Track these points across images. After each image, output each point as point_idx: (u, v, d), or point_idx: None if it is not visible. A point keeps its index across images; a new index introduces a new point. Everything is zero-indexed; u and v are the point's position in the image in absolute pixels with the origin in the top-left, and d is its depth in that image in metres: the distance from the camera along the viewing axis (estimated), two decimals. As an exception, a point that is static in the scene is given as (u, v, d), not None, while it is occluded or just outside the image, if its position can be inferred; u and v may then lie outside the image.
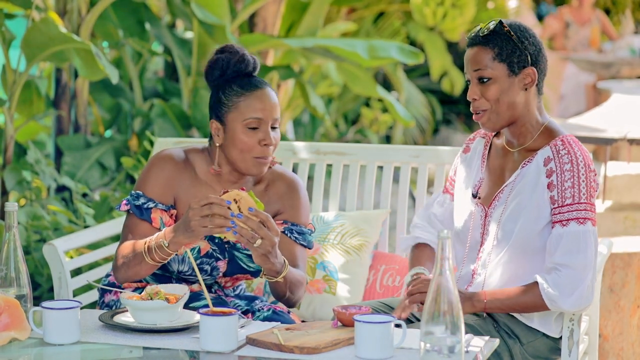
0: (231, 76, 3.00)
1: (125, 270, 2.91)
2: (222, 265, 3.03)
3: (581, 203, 2.82)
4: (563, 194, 2.83)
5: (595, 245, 2.84)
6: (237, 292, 3.16)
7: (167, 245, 2.81)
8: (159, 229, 2.98)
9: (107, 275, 3.15)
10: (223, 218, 2.73)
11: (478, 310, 2.86)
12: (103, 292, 3.11)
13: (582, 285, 2.80)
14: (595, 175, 2.88)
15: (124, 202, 3.01)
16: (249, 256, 3.04)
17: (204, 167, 3.05)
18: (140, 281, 3.05)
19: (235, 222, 2.73)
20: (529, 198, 2.87)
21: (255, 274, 3.08)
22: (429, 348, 2.28)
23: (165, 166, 3.01)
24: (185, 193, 3.02)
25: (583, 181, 2.83)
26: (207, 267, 3.02)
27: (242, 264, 3.04)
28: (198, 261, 2.94)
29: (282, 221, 3.07)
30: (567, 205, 2.82)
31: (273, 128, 2.98)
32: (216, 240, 3.01)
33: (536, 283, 2.83)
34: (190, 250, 2.98)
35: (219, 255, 3.02)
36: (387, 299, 3.08)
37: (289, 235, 3.04)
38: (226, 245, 3.02)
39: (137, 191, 3.00)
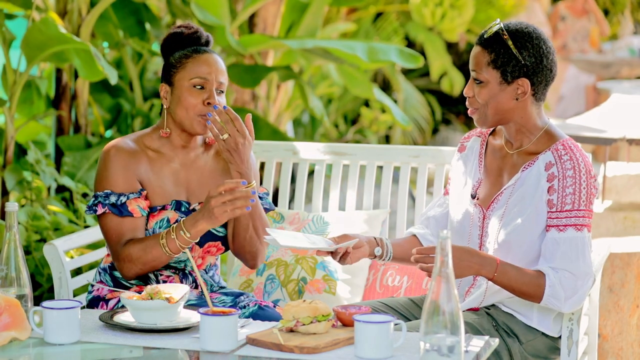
0: (184, 46, 3.11)
1: (141, 262, 2.94)
2: None
3: (580, 210, 2.82)
4: (563, 199, 2.82)
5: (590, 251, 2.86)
6: (210, 275, 3.15)
7: (189, 235, 2.91)
8: (142, 217, 3.00)
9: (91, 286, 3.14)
10: (243, 199, 2.84)
11: (484, 275, 2.80)
12: (91, 304, 3.10)
13: (580, 290, 2.82)
14: (595, 181, 2.88)
15: (99, 205, 2.99)
16: None
17: (156, 143, 3.08)
18: (143, 280, 3.05)
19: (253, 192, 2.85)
20: (530, 203, 2.87)
21: (225, 241, 3.11)
22: (429, 348, 2.28)
23: (118, 155, 3.03)
24: (146, 172, 3.05)
25: (584, 188, 2.83)
26: None
27: (212, 229, 3.06)
28: (165, 230, 2.96)
29: None
30: (565, 211, 2.82)
31: (220, 92, 3.07)
32: (182, 209, 3.04)
33: (542, 274, 2.81)
34: (159, 221, 3.02)
35: None
36: (387, 299, 3.08)
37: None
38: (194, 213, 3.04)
39: (104, 190, 3.01)
